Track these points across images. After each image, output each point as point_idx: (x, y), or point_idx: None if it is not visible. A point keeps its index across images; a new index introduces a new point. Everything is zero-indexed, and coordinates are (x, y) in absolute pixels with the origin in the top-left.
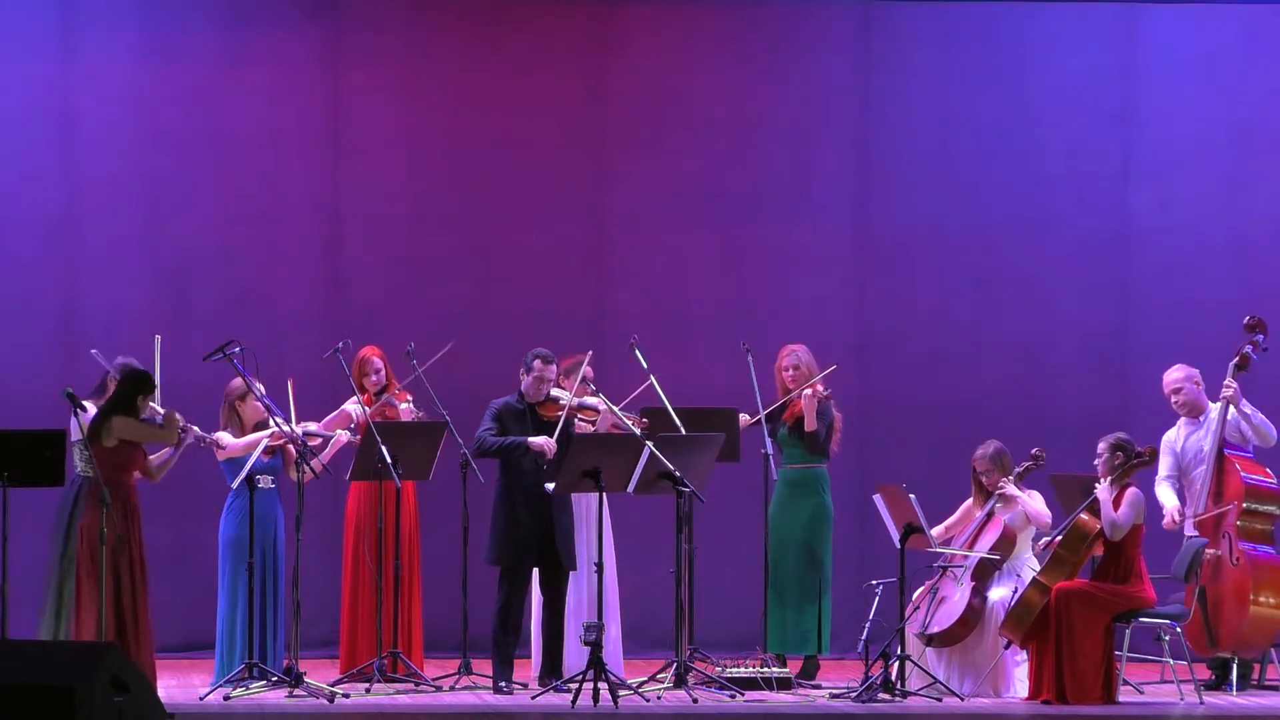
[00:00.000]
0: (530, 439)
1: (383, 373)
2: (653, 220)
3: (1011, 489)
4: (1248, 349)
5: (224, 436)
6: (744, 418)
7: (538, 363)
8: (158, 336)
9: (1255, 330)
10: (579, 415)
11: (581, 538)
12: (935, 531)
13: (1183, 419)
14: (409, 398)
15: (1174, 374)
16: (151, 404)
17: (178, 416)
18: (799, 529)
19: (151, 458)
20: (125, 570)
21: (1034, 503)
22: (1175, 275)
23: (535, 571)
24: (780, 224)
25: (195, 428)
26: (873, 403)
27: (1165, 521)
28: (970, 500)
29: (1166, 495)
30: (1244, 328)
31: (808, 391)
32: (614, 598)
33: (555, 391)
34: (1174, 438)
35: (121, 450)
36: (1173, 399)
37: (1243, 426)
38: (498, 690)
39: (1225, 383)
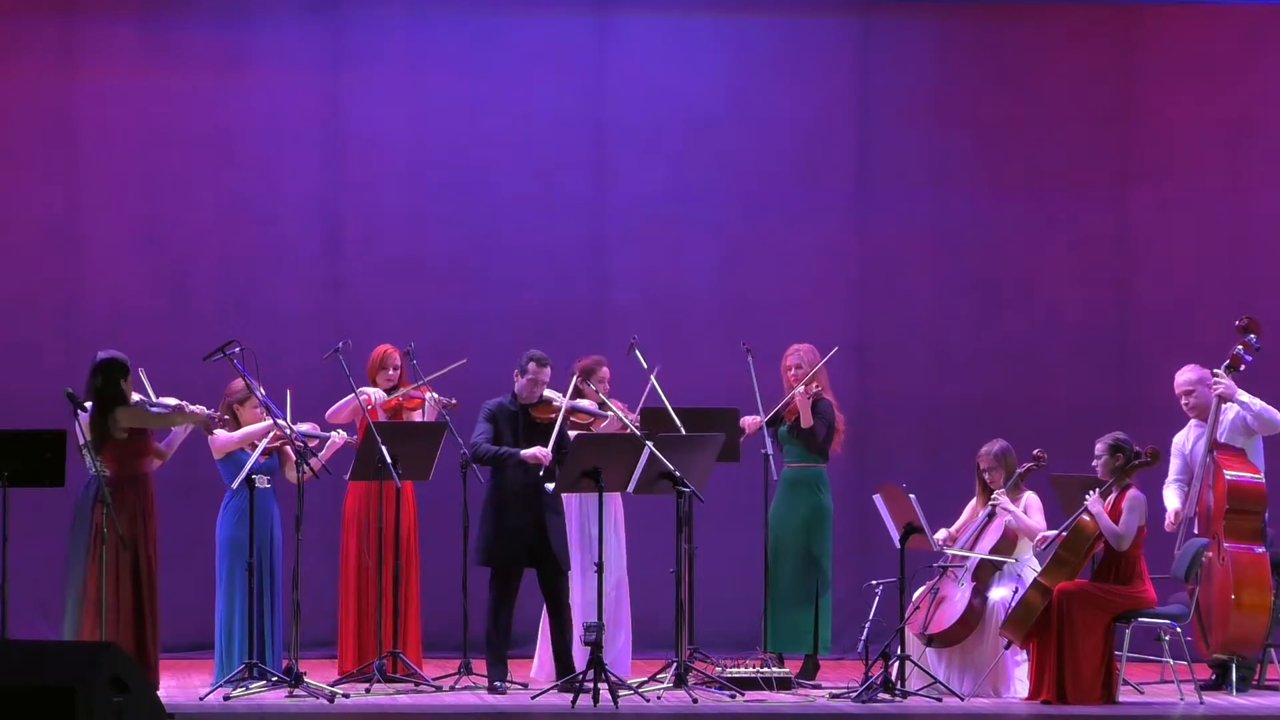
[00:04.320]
0: (523, 451)
1: (399, 371)
2: (653, 220)
3: (1006, 503)
4: (1239, 349)
5: (220, 434)
6: (749, 420)
7: (532, 365)
8: (142, 370)
9: (1247, 331)
10: (572, 418)
11: (585, 537)
12: (939, 536)
13: (1192, 421)
14: (432, 390)
15: (1186, 375)
16: (136, 394)
17: (187, 409)
18: (797, 528)
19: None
20: (145, 569)
21: (1028, 520)
22: (1175, 275)
23: (532, 573)
24: (780, 224)
25: (201, 408)
26: (873, 403)
27: (1167, 522)
28: (974, 500)
29: (1171, 497)
30: (1236, 329)
31: (799, 389)
32: (625, 607)
33: (549, 393)
34: (1183, 440)
35: (133, 440)
36: (1184, 400)
37: (1247, 419)
38: (493, 690)
39: (1215, 377)
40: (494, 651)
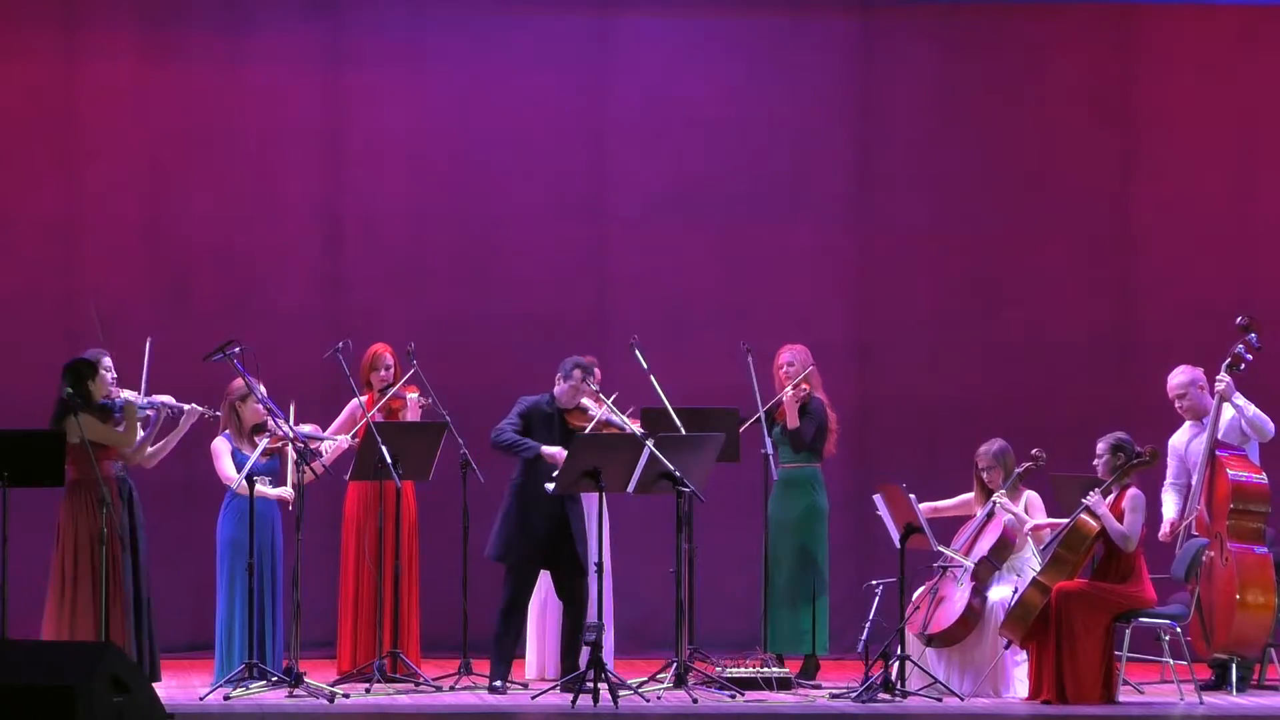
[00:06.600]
0: (544, 448)
1: (392, 370)
2: (653, 220)
3: (1007, 503)
4: (1239, 348)
5: (223, 454)
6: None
7: (578, 372)
8: (149, 339)
9: (1248, 330)
10: (604, 430)
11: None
12: (923, 507)
13: (1187, 422)
14: (415, 389)
15: (1178, 377)
16: (118, 390)
17: (186, 408)
18: (792, 528)
19: (151, 447)
20: (109, 567)
21: (1027, 518)
22: (1175, 275)
23: (543, 573)
24: (780, 224)
25: (197, 407)
26: (872, 403)
27: (1161, 533)
28: (971, 494)
29: (1169, 503)
30: (1236, 328)
31: (788, 391)
32: (608, 600)
33: (585, 402)
34: (1179, 442)
35: (83, 446)
36: (1178, 403)
37: (1241, 423)
38: (492, 689)
39: (1218, 378)
40: (500, 651)
